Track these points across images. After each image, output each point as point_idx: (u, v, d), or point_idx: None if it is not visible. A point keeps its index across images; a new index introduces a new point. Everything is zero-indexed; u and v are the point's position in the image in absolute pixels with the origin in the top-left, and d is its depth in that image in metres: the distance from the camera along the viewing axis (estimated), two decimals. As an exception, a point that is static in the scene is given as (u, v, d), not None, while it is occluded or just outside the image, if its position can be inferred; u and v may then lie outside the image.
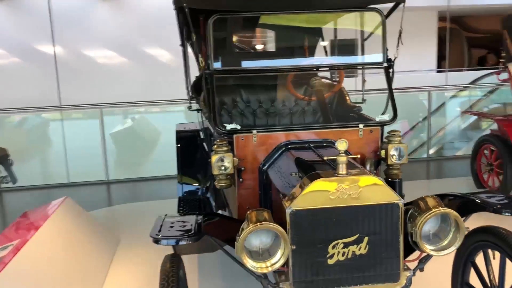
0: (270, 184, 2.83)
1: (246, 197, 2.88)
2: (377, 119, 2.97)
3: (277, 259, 2.11)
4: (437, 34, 12.56)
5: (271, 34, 4.19)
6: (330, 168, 2.30)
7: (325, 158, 2.31)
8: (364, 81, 3.73)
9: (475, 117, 8.96)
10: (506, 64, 5.37)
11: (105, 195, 7.10)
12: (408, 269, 2.28)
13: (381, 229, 2.18)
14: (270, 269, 2.10)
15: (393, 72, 3.07)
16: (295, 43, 4.22)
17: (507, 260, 2.34)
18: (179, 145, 4.66)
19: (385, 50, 3.07)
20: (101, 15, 9.91)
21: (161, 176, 7.41)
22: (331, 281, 2.20)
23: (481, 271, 2.55)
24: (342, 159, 2.15)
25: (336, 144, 2.18)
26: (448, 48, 12.33)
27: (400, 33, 3.07)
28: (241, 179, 2.84)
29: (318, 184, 2.12)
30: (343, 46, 3.78)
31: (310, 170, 2.29)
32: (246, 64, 3.52)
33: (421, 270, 2.40)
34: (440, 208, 2.15)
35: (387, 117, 2.95)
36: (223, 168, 2.75)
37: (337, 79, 3.71)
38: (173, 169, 4.72)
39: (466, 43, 15.01)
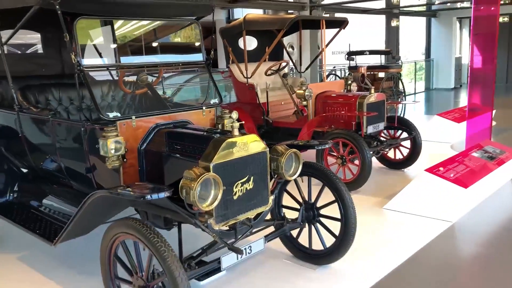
0: (145, 159, 3.46)
1: (130, 174, 3.39)
2: (211, 102, 3.96)
3: (214, 198, 2.87)
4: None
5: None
6: (219, 135, 3.18)
7: (221, 129, 3.17)
8: (164, 78, 4.62)
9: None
10: (228, 65, 7.11)
11: None
12: (271, 194, 3.43)
13: (259, 169, 3.24)
14: (211, 206, 2.85)
15: (210, 68, 4.12)
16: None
17: (313, 182, 3.80)
18: None
19: (203, 51, 4.07)
20: None
21: None
22: (236, 211, 3.12)
23: (293, 194, 3.96)
24: (237, 125, 3.10)
25: (232, 114, 3.09)
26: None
27: (214, 36, 4.12)
28: (125, 159, 3.33)
29: (227, 144, 3.00)
30: (169, 47, 4.54)
31: (208, 138, 3.12)
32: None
33: (276, 194, 3.60)
34: (290, 150, 3.39)
35: (217, 100, 3.99)
36: (113, 150, 3.21)
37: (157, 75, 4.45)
38: None
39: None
